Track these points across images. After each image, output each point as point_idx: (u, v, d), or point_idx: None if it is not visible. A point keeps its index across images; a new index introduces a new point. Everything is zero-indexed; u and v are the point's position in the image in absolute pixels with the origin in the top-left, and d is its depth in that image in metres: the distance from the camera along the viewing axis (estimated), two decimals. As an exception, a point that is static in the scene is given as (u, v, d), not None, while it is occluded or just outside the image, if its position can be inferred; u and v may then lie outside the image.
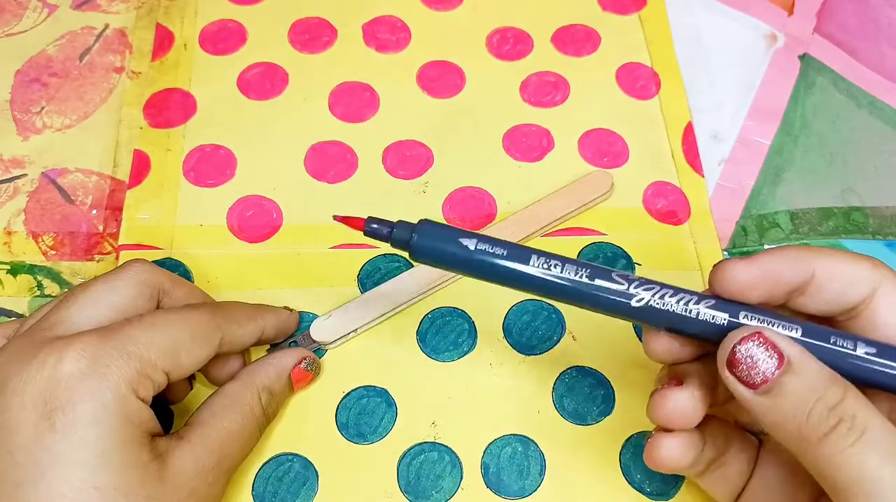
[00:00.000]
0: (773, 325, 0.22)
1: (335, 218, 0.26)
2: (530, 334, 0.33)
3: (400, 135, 0.37)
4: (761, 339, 0.21)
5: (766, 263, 0.22)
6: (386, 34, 0.41)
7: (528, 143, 0.38)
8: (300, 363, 0.29)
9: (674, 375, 0.24)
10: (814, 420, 0.20)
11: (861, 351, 0.22)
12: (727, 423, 0.26)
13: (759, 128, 0.40)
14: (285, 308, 0.31)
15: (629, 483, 0.30)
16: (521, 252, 0.24)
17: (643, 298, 0.23)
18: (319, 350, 0.31)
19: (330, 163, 0.36)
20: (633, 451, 0.30)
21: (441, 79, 0.39)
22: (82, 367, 0.23)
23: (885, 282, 0.22)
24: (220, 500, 0.26)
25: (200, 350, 0.26)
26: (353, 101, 0.38)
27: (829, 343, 0.22)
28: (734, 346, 0.21)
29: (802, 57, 0.42)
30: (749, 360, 0.21)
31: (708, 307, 0.23)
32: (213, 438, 0.25)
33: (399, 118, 0.38)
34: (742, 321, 0.22)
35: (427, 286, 0.33)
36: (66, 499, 0.22)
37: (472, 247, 0.24)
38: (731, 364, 0.21)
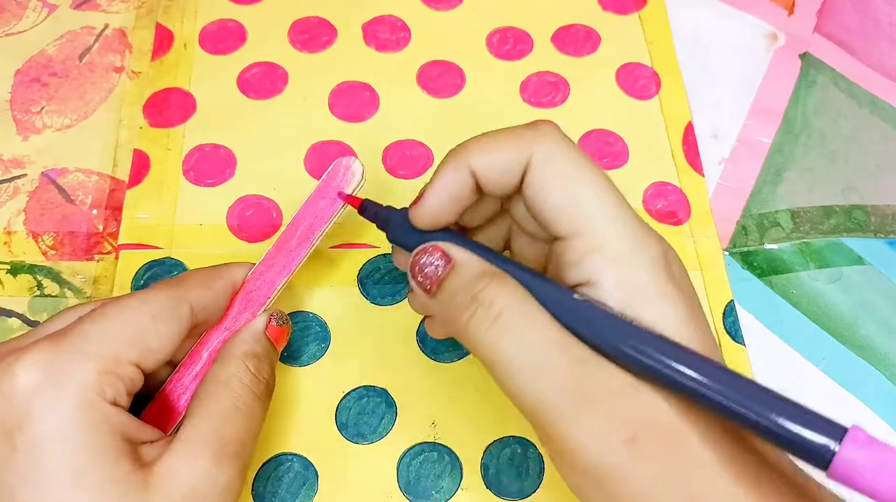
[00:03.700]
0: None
1: (339, 195, 0.29)
2: (530, 334, 0.33)
3: (400, 135, 0.37)
4: (435, 251, 0.23)
5: (436, 197, 0.24)
6: (386, 34, 0.41)
7: (528, 143, 0.37)
8: (270, 321, 0.28)
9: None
10: (458, 307, 0.22)
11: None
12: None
13: (759, 127, 0.40)
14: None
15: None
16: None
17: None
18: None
19: (330, 162, 0.36)
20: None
21: (441, 78, 0.39)
22: (35, 379, 0.21)
23: (536, 149, 0.23)
24: (238, 487, 0.24)
25: (168, 327, 0.24)
26: (353, 101, 0.38)
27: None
28: (414, 257, 0.24)
29: (803, 56, 0.42)
30: (424, 268, 0.23)
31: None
32: (204, 427, 0.23)
33: (399, 118, 0.38)
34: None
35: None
36: None
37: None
38: (413, 274, 0.24)
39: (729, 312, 0.34)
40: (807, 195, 0.38)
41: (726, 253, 0.36)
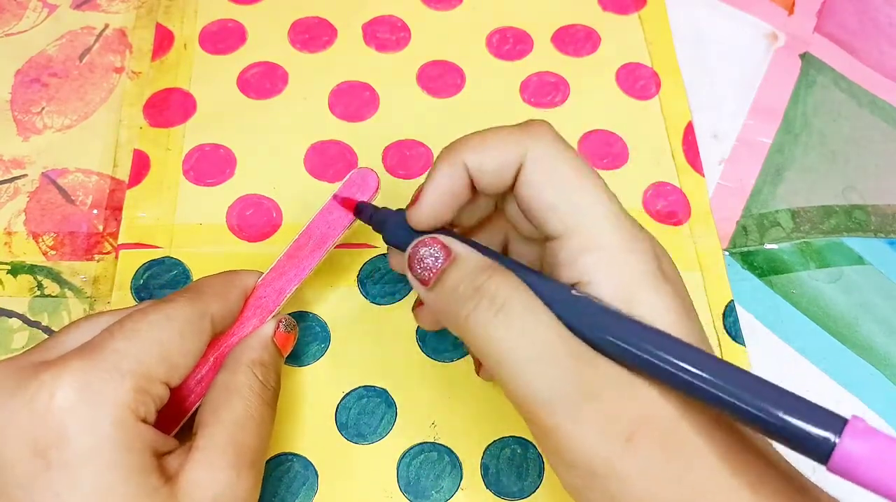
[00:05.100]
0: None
1: (335, 197, 0.29)
2: (530, 334, 0.33)
3: (400, 135, 0.37)
4: (434, 243, 0.23)
5: (433, 195, 0.24)
6: (386, 34, 0.41)
7: (528, 143, 0.37)
8: (279, 327, 0.28)
9: (420, 302, 0.28)
10: (460, 298, 0.22)
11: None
12: None
13: (759, 127, 0.40)
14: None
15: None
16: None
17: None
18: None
19: (330, 162, 0.36)
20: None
21: (441, 78, 0.39)
22: (71, 398, 0.21)
23: (529, 148, 0.23)
24: (256, 495, 0.25)
25: (192, 344, 0.25)
26: (353, 101, 0.38)
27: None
28: (412, 249, 0.24)
29: (803, 56, 0.42)
30: (424, 260, 0.23)
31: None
32: (221, 436, 0.24)
33: (399, 118, 0.38)
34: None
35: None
36: None
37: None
38: (410, 266, 0.24)
39: (729, 312, 0.34)
40: (807, 195, 0.38)
41: (726, 253, 0.36)
